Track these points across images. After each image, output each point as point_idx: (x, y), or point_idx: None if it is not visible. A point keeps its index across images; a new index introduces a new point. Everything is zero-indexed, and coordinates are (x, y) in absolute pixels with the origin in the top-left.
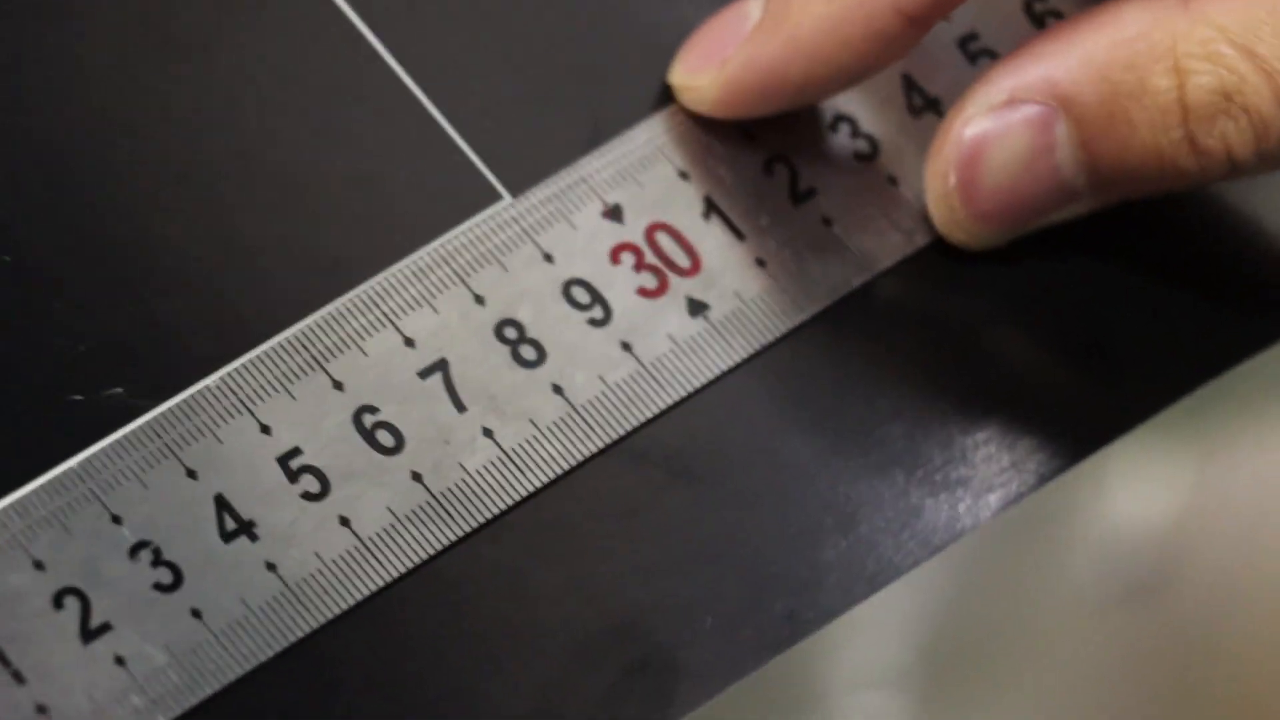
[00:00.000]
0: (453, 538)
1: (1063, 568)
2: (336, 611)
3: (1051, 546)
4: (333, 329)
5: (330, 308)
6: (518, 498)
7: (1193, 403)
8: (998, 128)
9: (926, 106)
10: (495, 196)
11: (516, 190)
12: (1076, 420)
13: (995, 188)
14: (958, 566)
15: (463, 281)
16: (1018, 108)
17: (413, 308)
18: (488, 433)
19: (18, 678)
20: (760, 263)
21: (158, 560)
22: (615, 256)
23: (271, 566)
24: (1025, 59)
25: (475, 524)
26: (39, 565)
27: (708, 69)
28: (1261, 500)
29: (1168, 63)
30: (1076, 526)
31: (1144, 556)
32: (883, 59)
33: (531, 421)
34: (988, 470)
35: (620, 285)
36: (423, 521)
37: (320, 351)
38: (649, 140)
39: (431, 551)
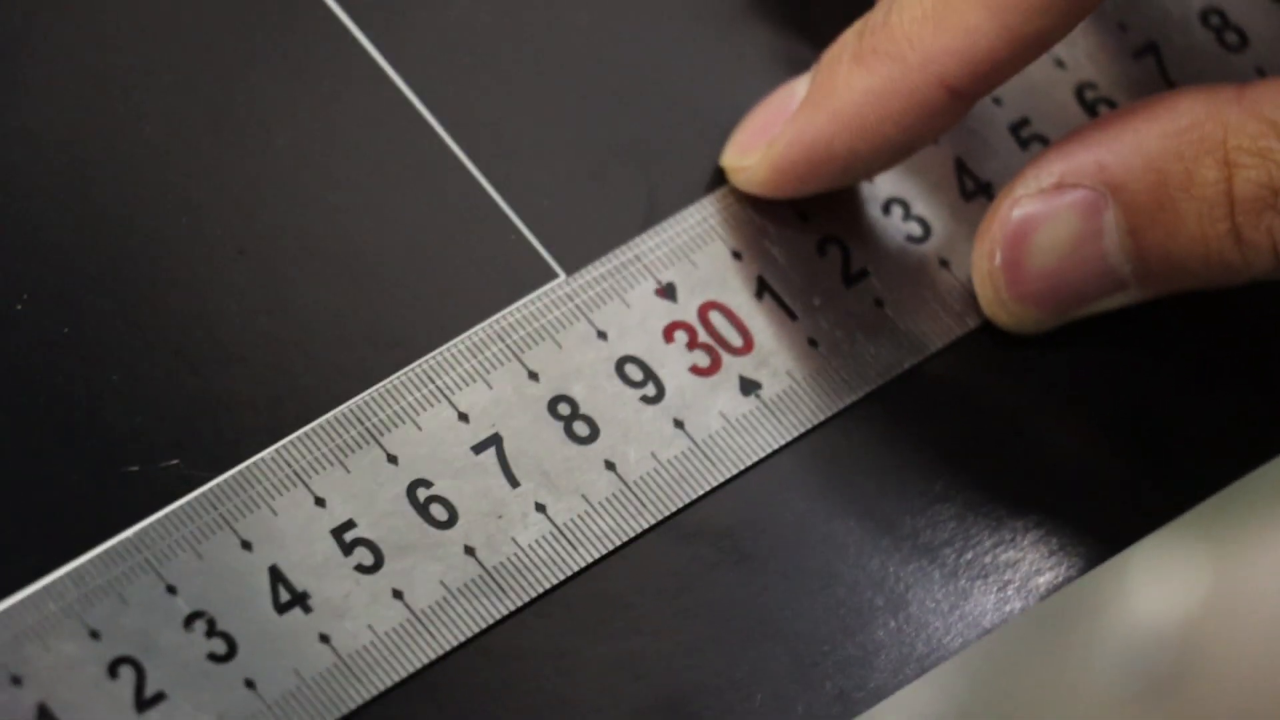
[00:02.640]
0: (504, 612)
1: (1082, 665)
2: (388, 684)
3: (1071, 644)
4: (387, 403)
5: (385, 383)
6: (569, 573)
7: (1213, 501)
8: (1046, 210)
9: (978, 190)
10: (550, 274)
11: (571, 268)
12: (1124, 505)
13: (1040, 270)
14: (977, 662)
15: (517, 358)
16: (1067, 192)
17: (467, 383)
18: (540, 508)
19: None
20: (812, 342)
21: (212, 631)
22: (668, 335)
23: (325, 638)
24: (1077, 144)
25: (527, 598)
26: (94, 634)
27: (756, 148)
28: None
29: (1218, 155)
30: (1096, 624)
31: (1163, 654)
32: (928, 133)
33: (584, 497)
34: (1036, 554)
35: (673, 363)
36: (475, 595)
37: (375, 425)
38: (702, 220)
39: (483, 625)
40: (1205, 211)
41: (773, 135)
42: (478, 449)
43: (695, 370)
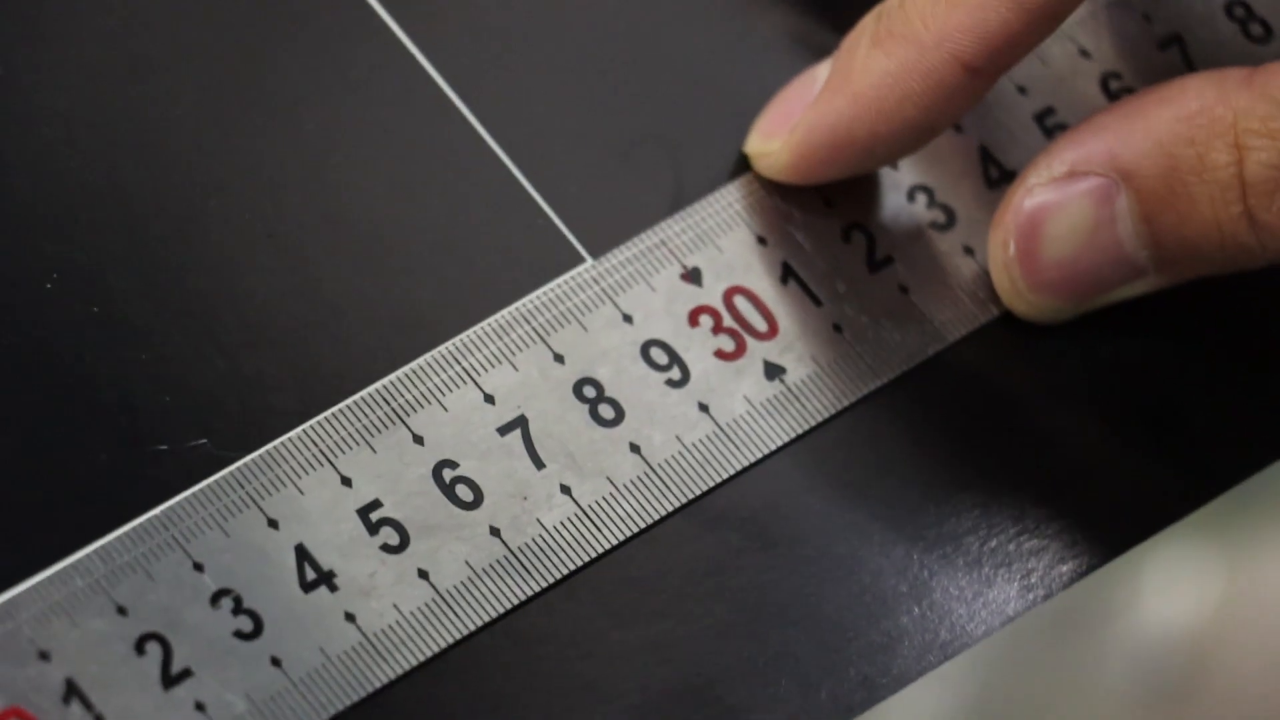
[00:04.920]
0: (529, 592)
1: (1094, 668)
2: (413, 663)
3: (1083, 646)
4: (414, 384)
5: (412, 364)
6: (594, 555)
7: (1227, 502)
8: (1058, 199)
9: (1003, 178)
10: (577, 258)
11: (597, 252)
12: (1148, 495)
13: (1055, 258)
14: (987, 665)
15: (543, 340)
16: (1079, 180)
17: (493, 365)
18: (565, 490)
19: None
20: (837, 328)
21: (238, 608)
22: (693, 319)
23: (350, 617)
24: (1088, 132)
25: (551, 579)
26: (122, 610)
27: (779, 134)
28: None
29: (1228, 139)
30: (1109, 627)
31: (1176, 658)
32: (948, 114)
33: (609, 479)
34: (1059, 542)
35: (698, 347)
36: (500, 576)
37: (401, 406)
38: (728, 205)
39: (508, 606)
40: (1217, 195)
41: (795, 121)
42: (503, 430)
43: (720, 355)
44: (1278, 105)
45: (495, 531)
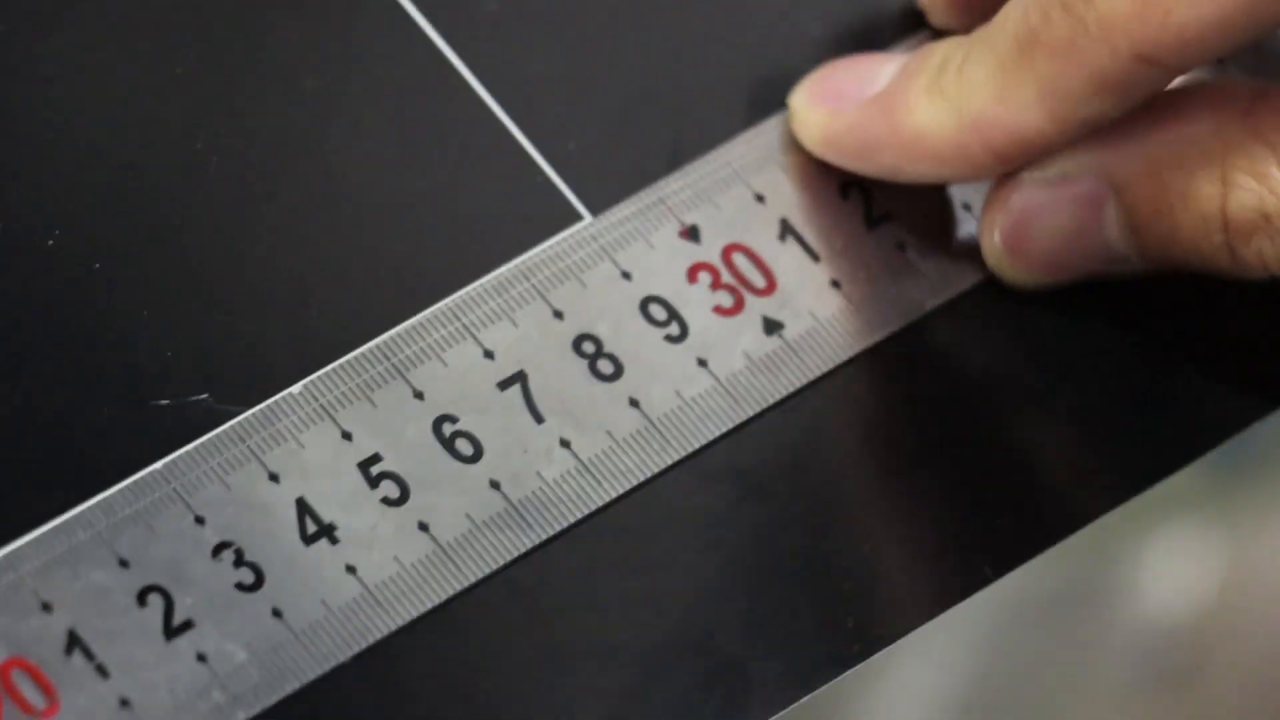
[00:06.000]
0: (529, 545)
1: (1094, 653)
2: (414, 615)
3: (1082, 630)
4: (414, 340)
5: (412, 320)
6: (593, 508)
7: (1226, 483)
8: (1047, 199)
9: None
10: (575, 215)
11: (596, 209)
12: (1134, 454)
13: (1040, 251)
14: (984, 647)
15: (542, 297)
16: (1070, 183)
17: (493, 321)
18: (565, 444)
19: (102, 671)
20: (835, 284)
21: (240, 561)
22: (692, 275)
23: (351, 569)
24: (1086, 138)
25: (551, 532)
26: (123, 563)
27: (824, 107)
28: None
29: (1217, 171)
30: (1110, 614)
31: (1177, 644)
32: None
33: (608, 433)
34: (1049, 498)
35: (697, 303)
36: (500, 528)
37: (401, 361)
38: (727, 163)
39: (508, 558)
40: (1200, 225)
41: (840, 107)
42: (503, 385)
43: (718, 310)
44: (1269, 148)
45: (495, 485)
